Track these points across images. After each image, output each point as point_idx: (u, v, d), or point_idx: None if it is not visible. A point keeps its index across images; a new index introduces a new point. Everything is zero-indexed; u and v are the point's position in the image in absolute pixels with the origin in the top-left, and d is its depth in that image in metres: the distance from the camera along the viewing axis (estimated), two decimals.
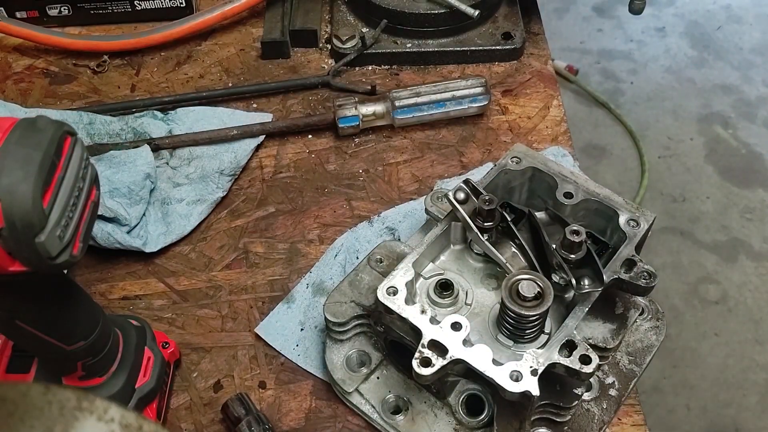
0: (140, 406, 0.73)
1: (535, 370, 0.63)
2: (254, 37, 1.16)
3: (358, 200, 0.96)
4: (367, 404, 0.76)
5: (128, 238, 0.88)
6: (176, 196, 0.94)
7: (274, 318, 0.85)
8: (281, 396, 0.80)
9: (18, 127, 0.52)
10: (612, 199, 0.75)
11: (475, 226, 0.73)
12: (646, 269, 0.70)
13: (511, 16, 1.14)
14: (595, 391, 0.75)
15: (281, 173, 0.99)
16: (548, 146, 1.00)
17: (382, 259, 0.78)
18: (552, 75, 1.10)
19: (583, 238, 0.70)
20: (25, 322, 0.61)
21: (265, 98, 1.08)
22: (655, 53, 2.76)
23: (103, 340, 0.69)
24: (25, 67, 1.13)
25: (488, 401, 0.73)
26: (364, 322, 0.77)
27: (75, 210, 0.54)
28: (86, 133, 0.99)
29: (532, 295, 0.67)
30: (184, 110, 1.03)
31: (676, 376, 1.97)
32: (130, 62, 1.13)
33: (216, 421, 0.78)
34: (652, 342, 0.79)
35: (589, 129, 2.53)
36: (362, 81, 1.09)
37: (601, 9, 2.93)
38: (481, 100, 1.01)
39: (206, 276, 0.89)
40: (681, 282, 2.11)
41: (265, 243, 0.92)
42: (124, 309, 0.87)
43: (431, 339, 0.65)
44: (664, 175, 2.38)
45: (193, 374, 0.81)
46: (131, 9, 1.16)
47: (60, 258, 0.53)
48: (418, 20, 1.09)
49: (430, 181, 0.97)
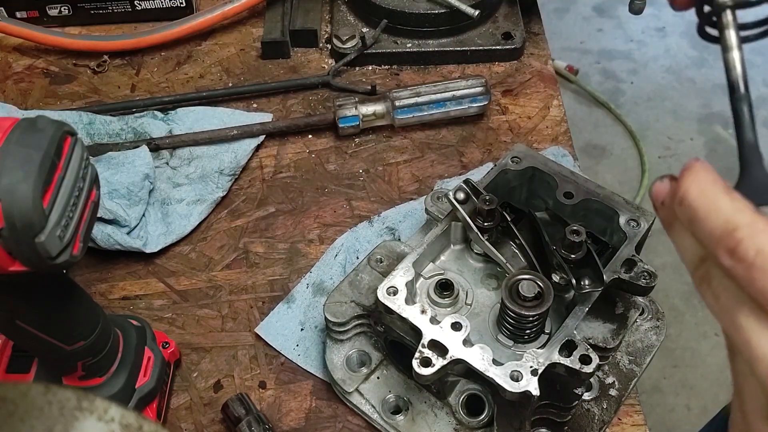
0: (140, 406, 0.73)
1: (535, 370, 0.63)
2: (254, 37, 1.16)
3: (358, 200, 0.96)
4: (367, 404, 0.76)
5: (128, 239, 0.88)
6: (176, 196, 0.94)
7: (274, 318, 0.85)
8: (281, 396, 0.80)
9: (18, 127, 0.52)
10: (612, 199, 0.75)
11: (475, 226, 0.73)
12: (646, 269, 0.70)
13: (511, 16, 1.14)
14: (595, 391, 0.75)
15: (281, 173, 0.99)
16: (548, 146, 1.00)
17: (382, 259, 0.78)
18: (552, 75, 1.10)
19: (583, 238, 0.70)
20: (25, 322, 0.61)
21: (265, 98, 1.08)
22: (656, 53, 2.76)
23: (103, 340, 0.69)
24: (25, 67, 1.13)
25: (488, 401, 0.73)
26: (365, 322, 0.77)
27: (75, 210, 0.54)
28: (86, 133, 0.99)
29: (532, 295, 0.67)
30: (184, 110, 1.03)
31: (676, 376, 1.97)
32: (130, 62, 1.13)
33: (216, 421, 0.78)
34: (652, 342, 0.79)
35: (589, 129, 2.53)
36: (362, 81, 1.09)
37: (601, 9, 2.93)
38: (481, 100, 1.01)
39: (206, 276, 0.89)
40: (681, 282, 2.10)
41: (265, 243, 0.92)
42: (124, 309, 0.87)
43: (431, 339, 0.65)
44: None
45: (193, 374, 0.81)
46: (131, 9, 1.16)
47: (60, 258, 0.53)
48: (418, 20, 1.09)
49: (430, 181, 0.97)
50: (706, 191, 0.40)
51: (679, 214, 0.42)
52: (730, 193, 0.40)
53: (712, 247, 0.40)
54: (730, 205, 0.39)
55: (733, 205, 0.39)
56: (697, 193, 0.41)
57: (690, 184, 0.41)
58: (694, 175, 0.41)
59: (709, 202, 0.40)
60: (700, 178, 0.41)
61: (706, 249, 0.41)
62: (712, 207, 0.40)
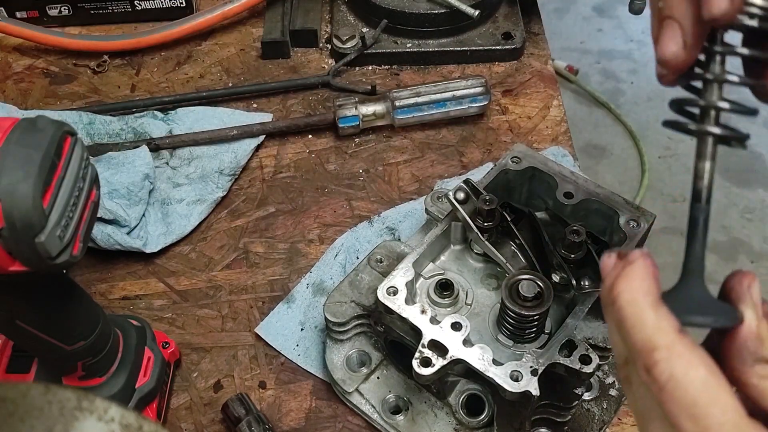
0: (140, 406, 0.73)
1: (535, 370, 0.63)
2: (254, 37, 1.16)
3: (358, 200, 0.96)
4: (368, 404, 0.76)
5: (128, 239, 0.88)
6: (176, 196, 0.94)
7: (274, 318, 0.85)
8: (281, 396, 0.80)
9: (18, 127, 0.52)
10: (612, 199, 0.75)
11: (475, 226, 0.73)
12: None
13: (511, 16, 1.14)
14: (595, 391, 0.75)
15: (281, 173, 0.99)
16: (548, 146, 1.00)
17: (382, 259, 0.78)
18: (552, 75, 1.10)
19: (583, 238, 0.70)
20: (25, 322, 0.61)
21: (265, 98, 1.08)
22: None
23: (103, 340, 0.69)
24: (25, 67, 1.13)
25: (488, 401, 0.73)
26: (365, 322, 0.77)
27: (75, 210, 0.54)
28: (86, 133, 0.99)
29: (532, 295, 0.67)
30: (184, 110, 1.03)
31: None
32: (130, 62, 1.13)
33: (216, 421, 0.78)
34: None
35: (589, 129, 2.53)
36: (362, 81, 1.09)
37: (601, 9, 2.93)
38: (481, 100, 1.01)
39: (206, 276, 0.89)
40: None
41: (265, 243, 0.92)
42: (124, 309, 0.87)
43: (431, 339, 0.65)
44: (664, 175, 2.38)
45: (193, 374, 0.81)
46: (131, 9, 1.16)
47: (60, 258, 0.53)
48: (418, 20, 1.09)
49: (430, 181, 0.97)
50: (635, 301, 0.41)
51: (610, 312, 0.42)
52: (657, 309, 0.40)
53: (632, 357, 0.41)
54: (654, 322, 0.40)
55: (657, 324, 0.40)
56: (627, 301, 0.41)
57: (623, 288, 0.42)
58: (628, 281, 0.42)
59: (636, 313, 0.41)
60: (634, 286, 0.41)
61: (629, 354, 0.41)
62: (638, 320, 0.40)
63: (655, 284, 0.42)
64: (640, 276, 0.42)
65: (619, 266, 0.43)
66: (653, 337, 0.39)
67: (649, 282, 0.41)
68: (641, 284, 0.41)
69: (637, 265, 0.42)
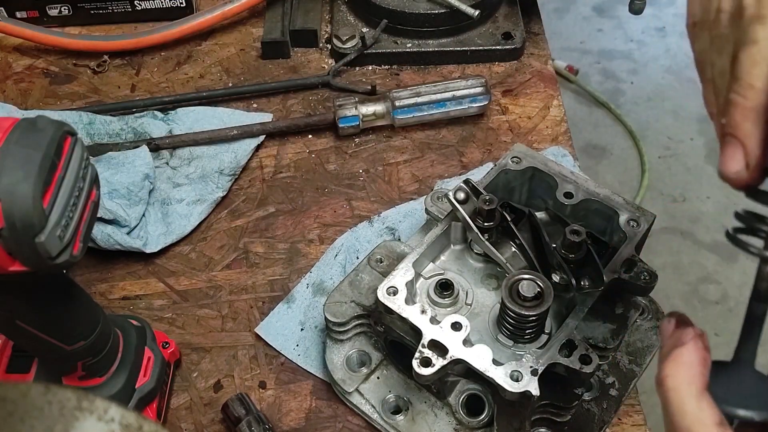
0: (140, 406, 0.73)
1: (535, 370, 0.63)
2: (254, 37, 1.16)
3: (358, 200, 0.96)
4: (368, 404, 0.76)
5: (128, 239, 0.88)
6: (176, 196, 0.94)
7: (274, 318, 0.85)
8: (281, 396, 0.80)
9: (18, 127, 0.52)
10: (612, 199, 0.75)
11: (476, 226, 0.73)
12: (646, 269, 0.70)
13: (511, 16, 1.14)
14: (595, 391, 0.75)
15: (281, 173, 0.99)
16: (548, 146, 1.00)
17: (382, 259, 0.78)
18: (552, 75, 1.10)
19: (583, 238, 0.70)
20: (25, 322, 0.61)
21: (265, 98, 1.08)
22: (656, 53, 2.76)
23: (103, 340, 0.69)
24: (25, 67, 1.13)
25: (488, 401, 0.73)
26: (365, 322, 0.77)
27: (75, 210, 0.54)
28: (86, 133, 0.99)
29: (532, 295, 0.67)
30: (184, 110, 1.03)
31: None
32: (130, 62, 1.13)
33: (216, 421, 0.78)
34: (652, 342, 0.79)
35: (589, 129, 2.53)
36: (362, 81, 1.09)
37: (601, 9, 2.93)
38: (481, 100, 1.01)
39: (206, 276, 0.89)
40: (681, 282, 2.11)
41: (265, 243, 0.92)
42: (124, 309, 0.87)
43: (431, 339, 0.65)
44: (664, 175, 2.38)
45: (193, 374, 0.81)
46: (131, 9, 1.16)
47: (60, 258, 0.53)
48: (418, 20, 1.09)
49: (430, 181, 0.97)
50: (680, 389, 0.42)
51: (658, 392, 0.43)
52: (700, 400, 0.41)
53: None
54: (695, 413, 0.41)
55: (697, 415, 0.41)
56: (672, 387, 0.42)
57: (669, 373, 0.43)
58: (676, 366, 0.43)
59: (679, 400, 0.42)
60: (680, 373, 0.42)
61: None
62: (680, 408, 0.41)
63: (702, 371, 0.42)
64: (688, 362, 0.42)
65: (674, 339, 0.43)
66: (692, 427, 0.41)
67: (696, 369, 0.42)
68: (687, 371, 0.42)
69: (687, 349, 0.43)
